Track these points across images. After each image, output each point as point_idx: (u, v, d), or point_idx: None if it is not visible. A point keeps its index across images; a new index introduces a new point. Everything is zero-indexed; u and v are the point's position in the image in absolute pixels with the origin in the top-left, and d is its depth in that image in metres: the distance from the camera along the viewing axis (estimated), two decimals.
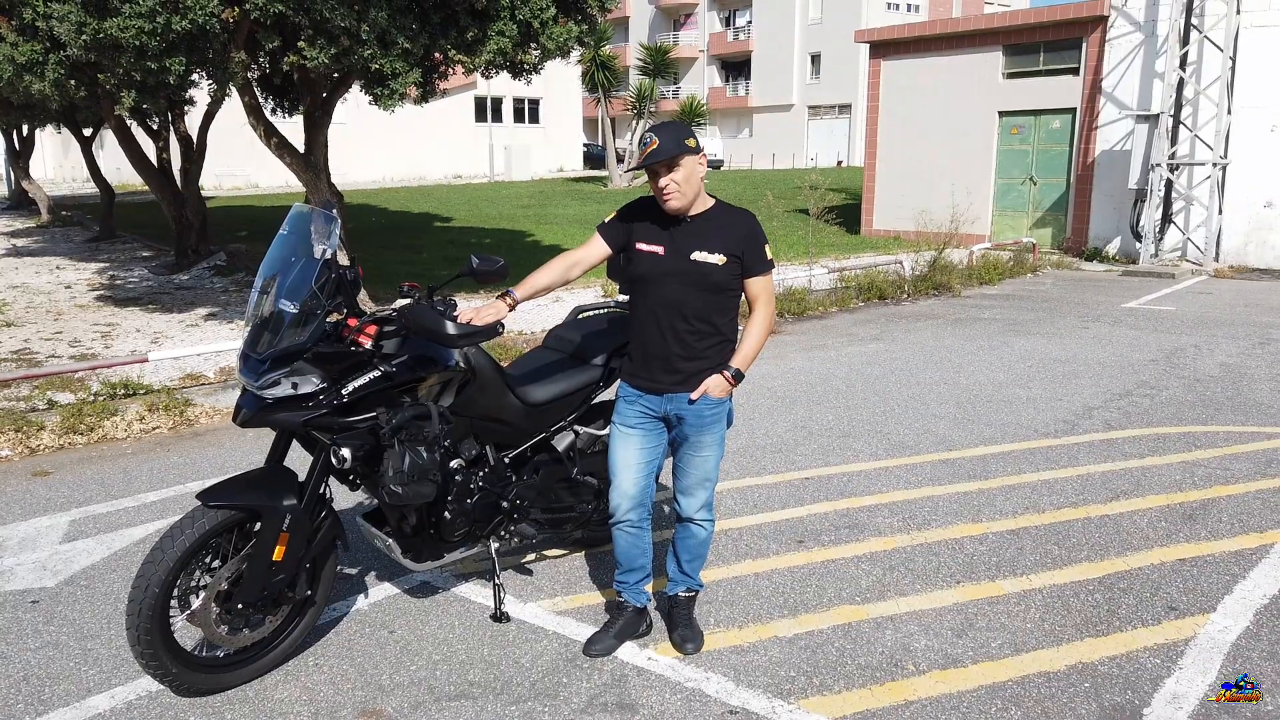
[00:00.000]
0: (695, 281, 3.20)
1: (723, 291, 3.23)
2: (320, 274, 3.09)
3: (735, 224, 3.24)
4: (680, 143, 3.09)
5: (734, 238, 3.20)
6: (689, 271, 3.19)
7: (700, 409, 3.27)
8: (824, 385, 7.51)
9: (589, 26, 9.74)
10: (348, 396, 3.17)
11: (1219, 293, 12.55)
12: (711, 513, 3.45)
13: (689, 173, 3.13)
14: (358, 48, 7.72)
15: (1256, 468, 5.34)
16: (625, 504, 3.37)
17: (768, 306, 3.29)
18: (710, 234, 3.20)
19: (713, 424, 3.31)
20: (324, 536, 3.35)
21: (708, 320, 3.24)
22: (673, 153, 3.07)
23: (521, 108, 44.22)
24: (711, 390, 3.25)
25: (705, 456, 3.34)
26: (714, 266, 3.18)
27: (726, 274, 3.20)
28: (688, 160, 3.11)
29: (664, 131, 3.12)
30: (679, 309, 3.22)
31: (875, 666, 3.35)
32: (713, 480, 3.40)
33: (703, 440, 3.31)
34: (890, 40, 19.11)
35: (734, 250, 3.19)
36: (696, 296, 3.21)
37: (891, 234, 18.86)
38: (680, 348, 3.24)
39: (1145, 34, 15.39)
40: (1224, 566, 4.08)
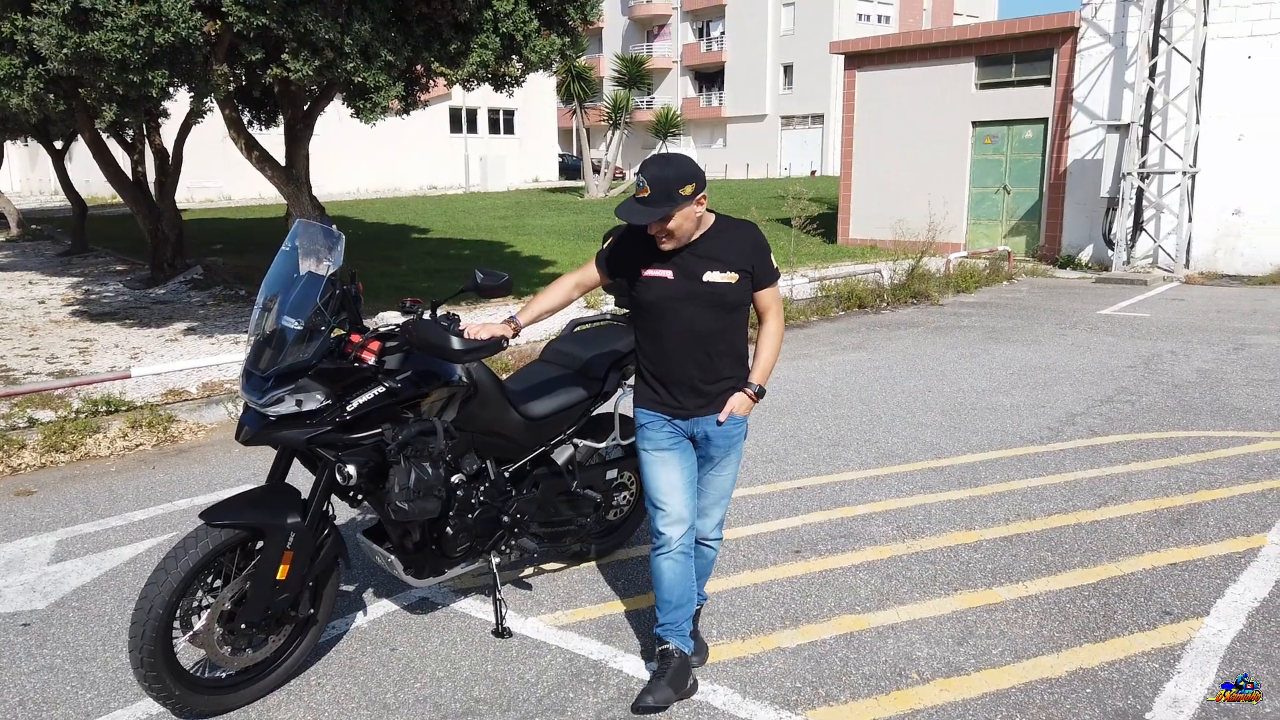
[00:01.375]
0: (711, 303, 3.09)
1: (738, 309, 3.16)
2: (325, 290, 3.07)
3: (741, 238, 3.14)
4: (672, 195, 2.92)
5: (742, 253, 3.11)
6: (703, 294, 3.08)
7: (728, 429, 3.21)
8: (810, 394, 7.56)
9: (571, 39, 9.77)
10: (352, 413, 3.15)
11: (1191, 299, 12.77)
12: (722, 530, 3.43)
13: (683, 219, 2.99)
14: (341, 60, 7.70)
15: (1239, 472, 5.44)
16: (678, 529, 3.18)
17: (779, 317, 3.23)
18: (719, 253, 3.09)
19: (735, 443, 3.27)
20: (327, 554, 3.33)
21: (725, 340, 3.16)
22: (664, 209, 2.93)
23: (497, 119, 44.17)
24: (737, 410, 3.18)
25: (726, 475, 3.31)
26: (729, 286, 3.08)
27: (740, 291, 3.12)
28: (680, 211, 2.96)
29: (656, 180, 2.93)
30: (697, 332, 3.12)
31: (880, 676, 3.37)
32: (729, 498, 3.38)
33: (727, 459, 3.27)
34: (865, 52, 19.31)
35: (744, 266, 3.11)
36: (713, 318, 3.12)
37: (868, 243, 19.03)
38: (701, 371, 3.16)
39: (1115, 45, 15.66)
40: (1214, 570, 4.15)
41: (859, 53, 19.42)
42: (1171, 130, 15.17)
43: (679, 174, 2.95)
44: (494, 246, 18.74)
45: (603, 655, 3.55)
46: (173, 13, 6.77)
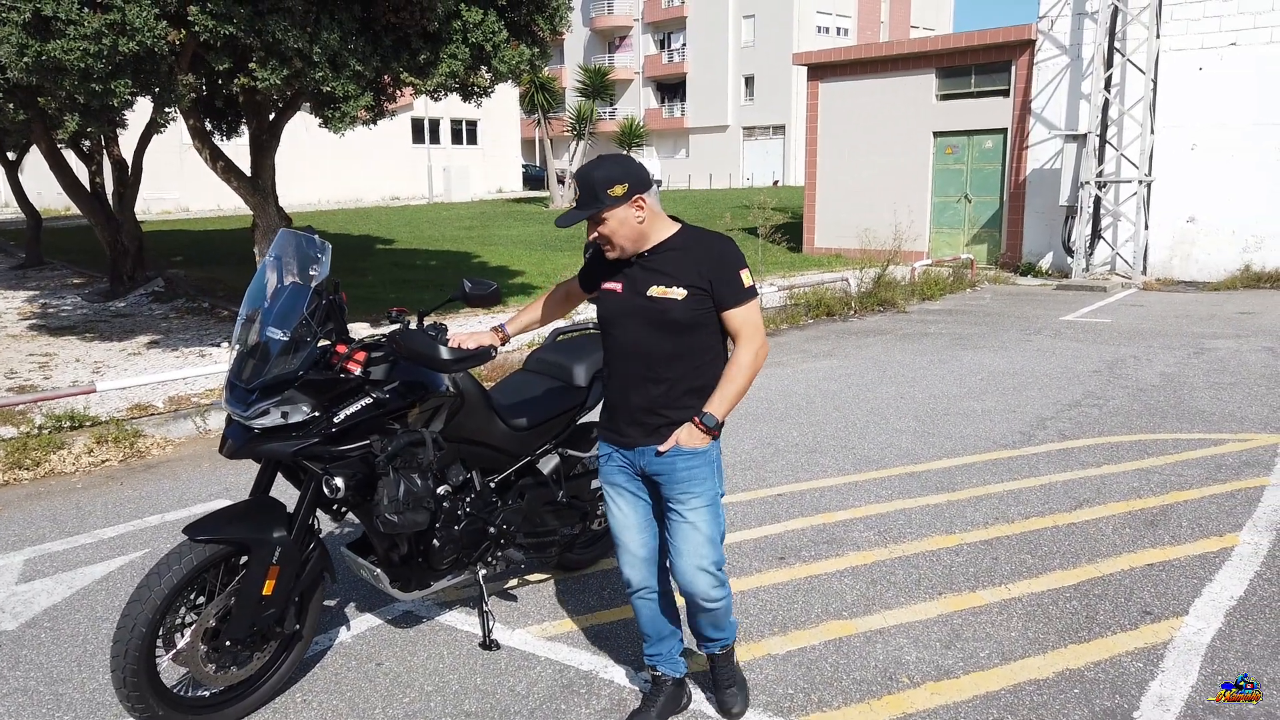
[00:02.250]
0: (654, 320, 2.77)
1: (690, 331, 2.78)
2: (311, 300, 3.03)
3: (700, 251, 2.79)
4: (599, 197, 2.71)
5: (697, 267, 2.75)
6: (646, 310, 2.78)
7: (673, 463, 2.81)
8: (785, 402, 7.60)
9: (540, 49, 9.77)
10: (339, 425, 3.11)
11: (1150, 305, 13.05)
12: (723, 588, 2.91)
13: (617, 224, 2.74)
14: (309, 70, 7.62)
15: (1207, 473, 5.55)
16: (638, 571, 3.01)
17: (751, 342, 2.78)
18: (669, 265, 2.78)
19: (690, 482, 2.82)
20: (313, 569, 3.27)
21: (676, 366, 2.80)
22: (592, 209, 2.72)
23: (460, 129, 43.99)
24: (681, 441, 2.79)
25: (692, 524, 2.83)
26: (672, 302, 2.74)
27: (689, 310, 2.75)
28: (612, 213, 2.73)
29: (584, 181, 2.75)
30: (641, 352, 2.82)
31: (870, 681, 3.39)
32: (712, 556, 2.86)
33: (686, 503, 2.83)
34: (827, 63, 19.53)
35: (697, 281, 2.74)
36: (659, 338, 2.78)
37: (834, 251, 19.21)
38: (644, 397, 2.84)
39: (1071, 57, 16.00)
40: (1190, 570, 4.23)
41: (822, 64, 19.63)
42: (1127, 140, 15.52)
43: (607, 174, 2.73)
44: (461, 257, 18.64)
45: (593, 666, 3.53)
46: (137, 21, 6.66)
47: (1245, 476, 5.47)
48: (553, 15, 9.53)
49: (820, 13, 51.30)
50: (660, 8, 56.44)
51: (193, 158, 9.22)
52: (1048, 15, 16.18)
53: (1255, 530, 4.66)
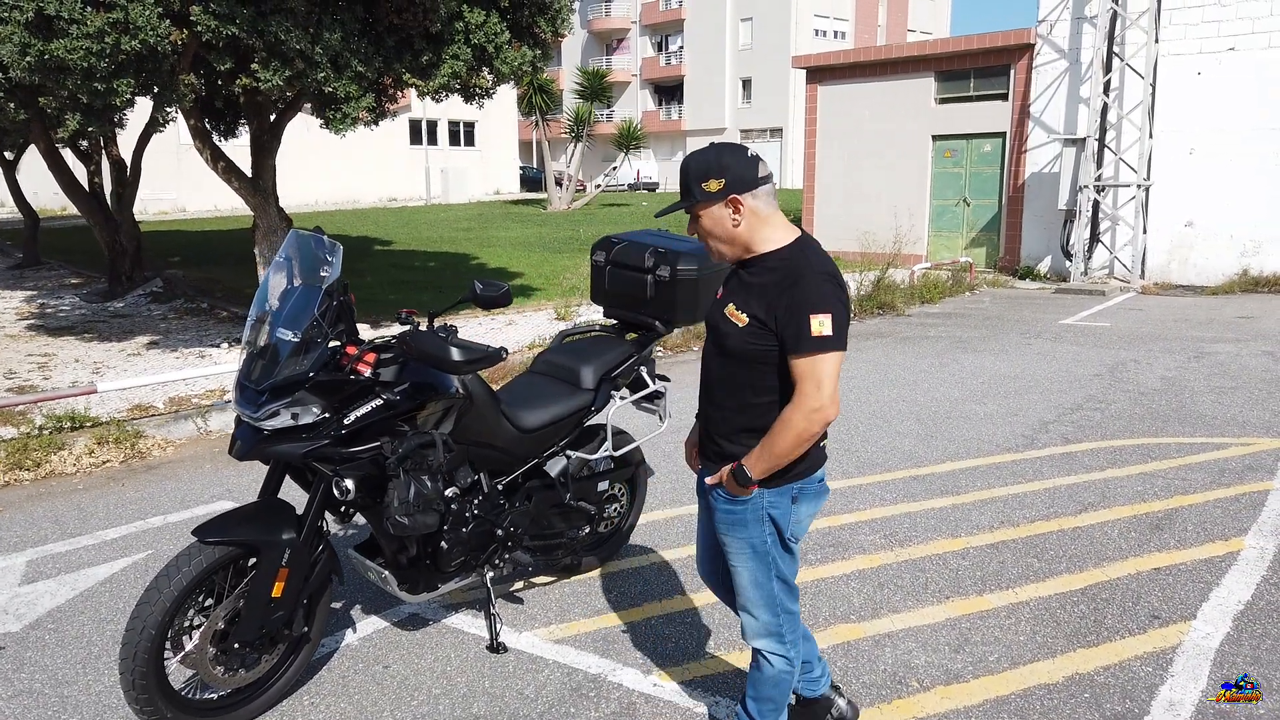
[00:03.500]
0: (716, 341, 2.55)
1: (745, 365, 2.48)
2: (322, 301, 3.02)
3: (784, 280, 2.41)
4: (694, 189, 2.47)
5: (768, 296, 2.42)
6: (715, 327, 2.56)
7: (717, 500, 2.60)
8: None
9: (541, 51, 9.76)
10: (349, 426, 3.10)
11: (1148, 308, 13.07)
12: (781, 645, 2.66)
13: (712, 223, 2.48)
14: (311, 70, 7.60)
15: (1211, 477, 5.56)
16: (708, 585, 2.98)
17: (806, 401, 2.35)
18: (755, 285, 2.48)
19: (731, 526, 2.59)
20: (321, 570, 3.26)
21: (735, 395, 2.54)
22: (685, 203, 2.52)
23: (457, 130, 43.97)
24: (724, 480, 2.55)
25: (735, 569, 2.64)
26: (733, 328, 2.48)
27: (744, 341, 2.45)
28: (707, 210, 2.48)
29: (682, 173, 2.52)
30: (705, 369, 2.66)
31: (880, 685, 3.38)
32: (760, 602, 2.62)
33: (727, 545, 2.63)
34: (826, 66, 19.55)
35: (761, 313, 2.41)
36: (720, 362, 2.56)
37: (833, 254, 19.03)
38: (704, 417, 2.69)
39: (1070, 61, 16.02)
40: (1198, 574, 4.23)
41: (821, 67, 19.65)
42: (1126, 144, 15.54)
43: (703, 166, 2.46)
44: (459, 258, 18.62)
45: (601, 669, 3.52)
46: (140, 20, 6.64)
47: (1249, 481, 5.48)
48: (555, 17, 9.53)
49: (818, 15, 51.39)
50: (658, 10, 56.52)
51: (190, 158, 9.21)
52: (1047, 19, 16.21)
53: (1261, 534, 4.67)
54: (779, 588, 2.63)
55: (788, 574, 2.64)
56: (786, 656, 2.67)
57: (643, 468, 4.49)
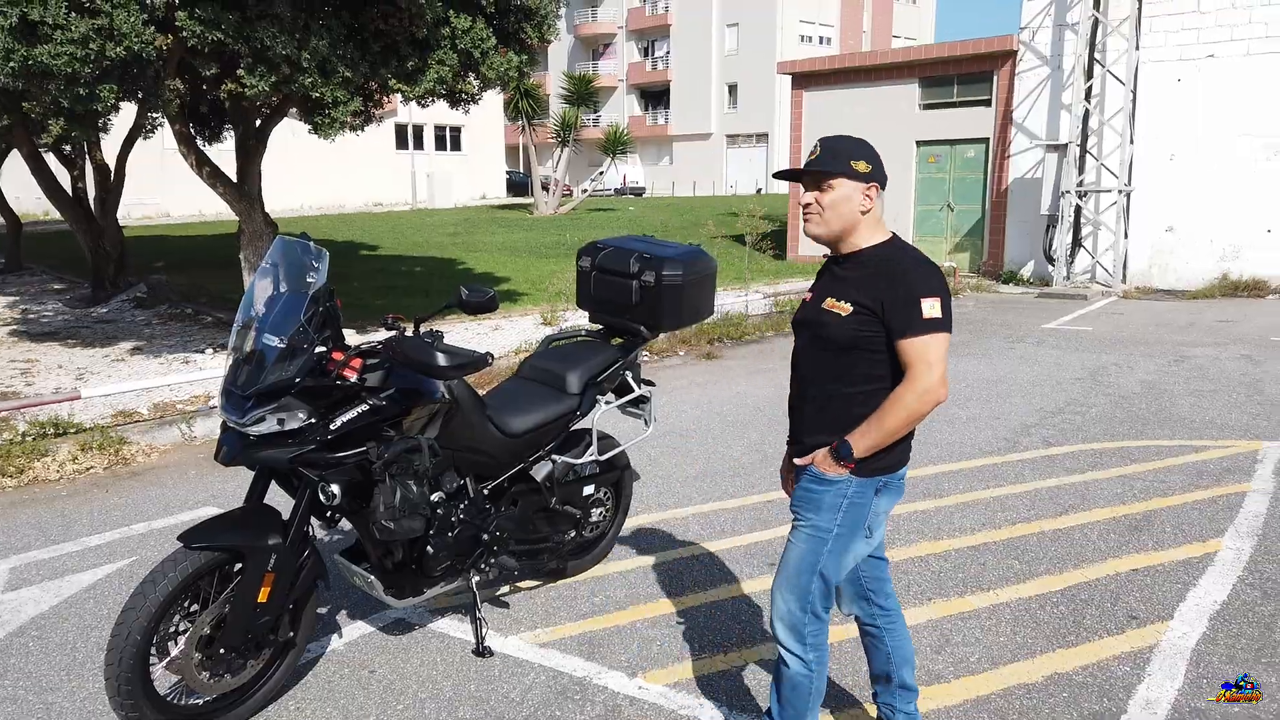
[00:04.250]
0: (817, 334, 2.61)
1: (847, 354, 2.54)
2: (308, 307, 3.04)
3: (887, 269, 2.53)
4: (842, 160, 2.54)
5: (872, 284, 2.51)
6: (814, 321, 2.62)
7: (805, 481, 2.66)
8: (772, 408, 7.64)
9: (528, 57, 9.79)
10: (335, 432, 3.11)
11: (1129, 313, 13.20)
12: (798, 644, 2.66)
13: (841, 198, 2.55)
14: (298, 76, 7.61)
15: (1189, 479, 5.63)
16: (841, 601, 2.93)
17: (918, 380, 2.44)
18: (853, 278, 2.57)
19: (804, 503, 2.65)
20: (307, 576, 3.27)
21: (832, 387, 2.60)
22: (826, 168, 2.54)
23: (443, 135, 43.95)
24: (817, 461, 2.61)
25: (790, 542, 2.69)
26: (835, 318, 2.54)
27: (849, 329, 2.52)
28: (844, 184, 2.54)
29: (831, 143, 2.59)
30: (800, 368, 2.72)
31: (863, 685, 3.41)
32: (795, 587, 2.64)
33: (796, 522, 2.69)
34: (812, 72, 19.67)
35: (865, 300, 2.50)
36: (818, 355, 2.63)
37: (818, 260, 19.29)
38: (803, 414, 2.74)
39: (1052, 68, 16.18)
40: (1175, 575, 4.29)
41: (806, 73, 19.76)
42: (1107, 150, 15.70)
43: (857, 146, 2.58)
44: (446, 263, 18.61)
45: (587, 672, 3.54)
46: (125, 27, 6.63)
47: (1226, 483, 5.55)
48: (541, 23, 9.57)
49: (803, 22, 51.63)
50: (644, 16, 56.66)
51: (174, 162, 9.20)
52: (1029, 26, 16.37)
53: (1237, 536, 4.73)
54: (816, 584, 2.64)
55: (831, 575, 2.65)
56: (804, 659, 2.66)
57: (628, 472, 4.52)
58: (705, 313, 4.54)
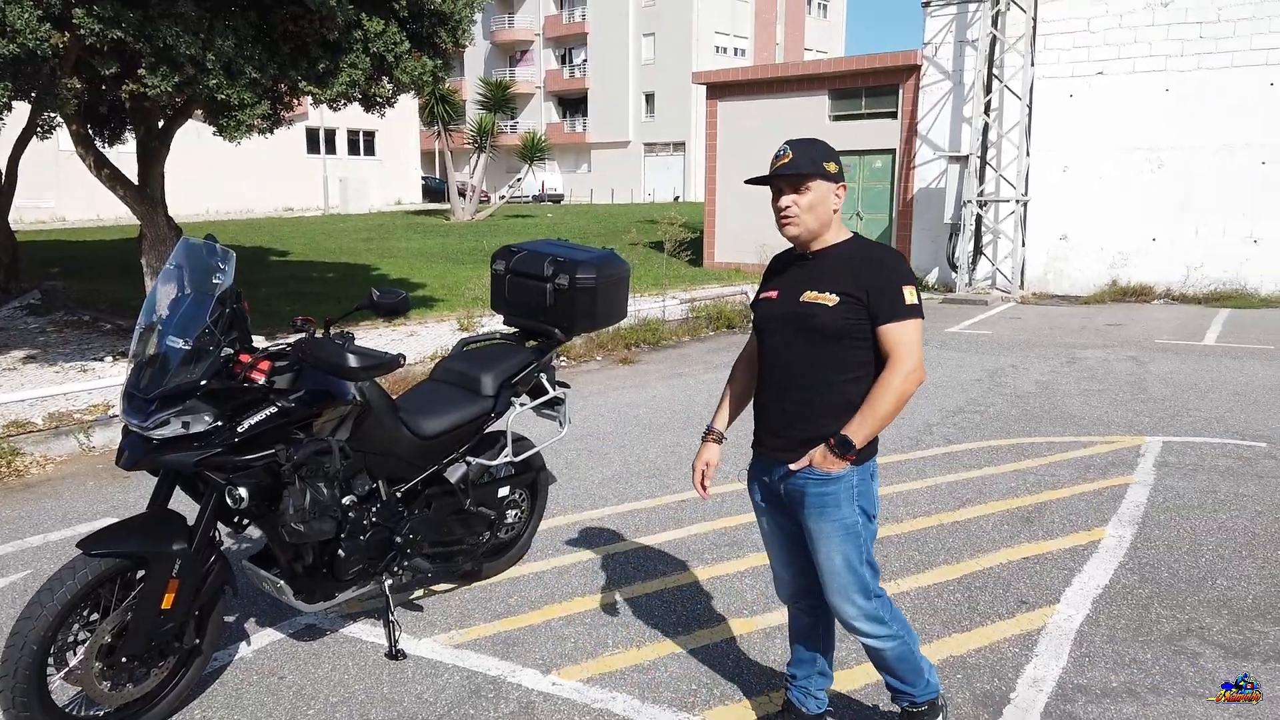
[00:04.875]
0: (802, 326, 2.67)
1: (838, 340, 2.64)
2: (214, 309, 3.00)
3: (864, 260, 2.67)
4: (816, 162, 2.64)
5: (855, 274, 2.63)
6: (797, 314, 2.69)
7: (802, 485, 2.70)
8: (687, 411, 7.77)
9: (442, 62, 9.75)
10: (242, 435, 3.08)
11: (1027, 317, 13.80)
12: (883, 626, 2.78)
13: (817, 199, 2.65)
14: (203, 77, 7.43)
15: (1077, 473, 5.95)
16: (780, 589, 3.02)
17: (903, 364, 2.58)
18: (830, 271, 2.68)
19: (823, 509, 2.69)
20: (213, 582, 3.22)
21: (820, 376, 2.67)
22: (803, 171, 2.63)
23: (356, 139, 43.17)
24: (815, 462, 2.66)
25: (827, 555, 2.71)
26: (823, 309, 2.63)
27: (839, 318, 2.62)
28: (819, 185, 2.65)
29: (801, 146, 2.67)
30: (784, 360, 2.74)
31: (771, 673, 3.53)
32: (855, 586, 2.73)
33: (818, 530, 2.71)
34: (726, 82, 20.01)
35: (852, 290, 2.61)
36: (805, 346, 2.68)
37: (733, 266, 19.63)
38: (783, 408, 2.76)
39: (954, 82, 16.83)
40: (1062, 562, 4.54)
41: (720, 83, 20.10)
42: (1006, 162, 16.39)
43: (825, 148, 2.70)
44: (359, 269, 18.31)
45: (501, 671, 3.57)
46: (18, 23, 6.39)
47: (1111, 475, 5.89)
48: (455, 28, 9.54)
49: (719, 33, 52.42)
50: (561, 23, 56.70)
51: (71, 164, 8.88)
52: (932, 42, 16.99)
53: (1120, 524, 5.03)
54: (868, 571, 2.75)
55: (872, 558, 2.78)
56: (893, 634, 2.80)
57: (544, 474, 4.56)
58: (619, 315, 4.63)
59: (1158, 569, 4.44)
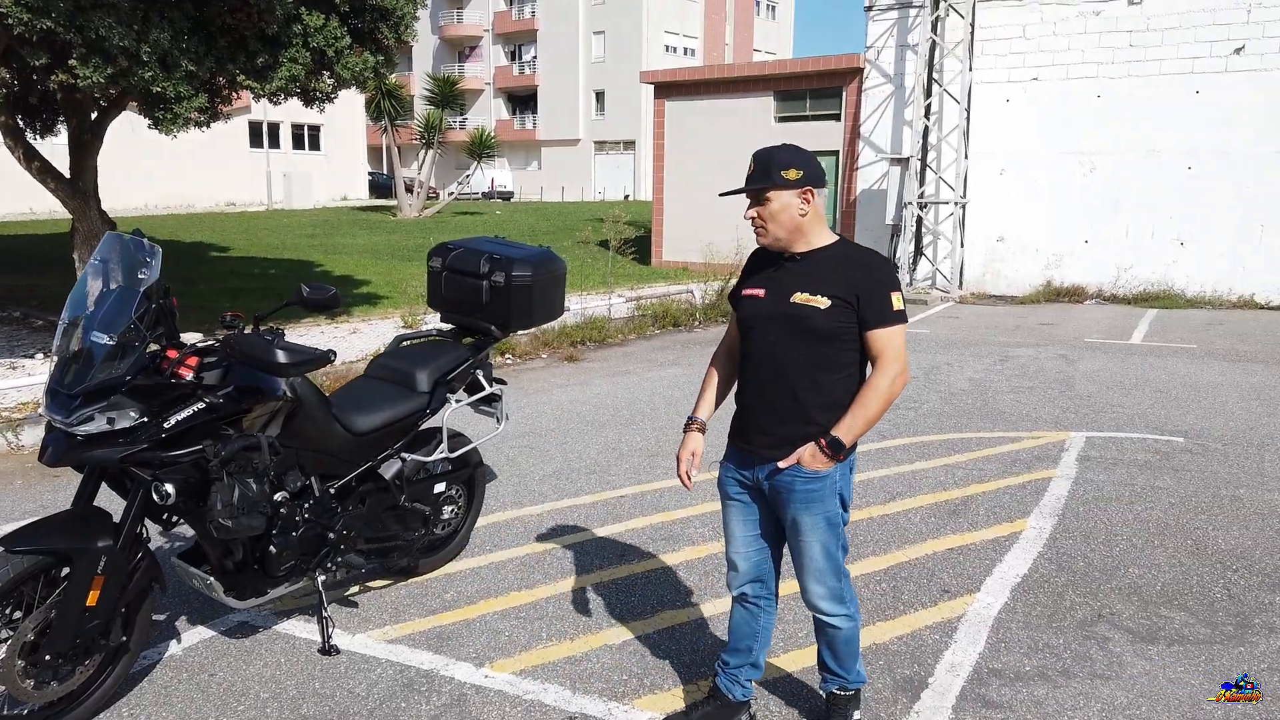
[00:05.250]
0: (794, 327, 2.75)
1: (829, 342, 2.73)
2: (140, 304, 2.99)
3: (854, 264, 2.75)
4: (771, 173, 2.71)
5: (848, 280, 2.72)
6: (788, 315, 2.76)
7: (790, 481, 2.80)
8: (630, 409, 7.84)
9: (385, 57, 9.69)
10: (169, 431, 3.07)
11: (964, 317, 14.13)
12: (846, 607, 2.95)
13: (779, 208, 2.72)
14: (137, 69, 7.30)
15: (1004, 467, 6.15)
16: (735, 578, 3.07)
17: (890, 367, 2.69)
18: (820, 273, 2.75)
19: (809, 503, 2.80)
20: (140, 579, 3.21)
21: (809, 376, 2.76)
22: (758, 184, 2.73)
23: (301, 134, 42.47)
24: (804, 461, 2.76)
25: (808, 542, 2.85)
26: (815, 311, 2.71)
27: (831, 321, 2.71)
28: (779, 194, 2.71)
29: (760, 157, 2.75)
30: (776, 361, 2.80)
31: (700, 663, 3.62)
32: (830, 570, 2.89)
33: (801, 522, 2.83)
34: (673, 82, 20.13)
35: (844, 294, 2.70)
36: (796, 346, 2.76)
37: (681, 265, 19.77)
38: (772, 407, 2.82)
39: (895, 85, 17.14)
40: (984, 553, 4.70)
41: (668, 83, 20.21)
42: (945, 164, 16.75)
43: (785, 157, 2.74)
44: (302, 266, 18.07)
45: (434, 665, 3.60)
46: None
47: (1035, 469, 6.09)
48: (398, 24, 9.48)
49: (668, 32, 52.59)
50: (511, 20, 56.41)
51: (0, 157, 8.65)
52: (874, 45, 17.28)
53: (1041, 516, 5.22)
54: (841, 556, 2.94)
55: (845, 544, 2.97)
56: (850, 615, 2.98)
57: (481, 469, 4.60)
58: (556, 313, 4.68)
59: (1074, 558, 4.63)
